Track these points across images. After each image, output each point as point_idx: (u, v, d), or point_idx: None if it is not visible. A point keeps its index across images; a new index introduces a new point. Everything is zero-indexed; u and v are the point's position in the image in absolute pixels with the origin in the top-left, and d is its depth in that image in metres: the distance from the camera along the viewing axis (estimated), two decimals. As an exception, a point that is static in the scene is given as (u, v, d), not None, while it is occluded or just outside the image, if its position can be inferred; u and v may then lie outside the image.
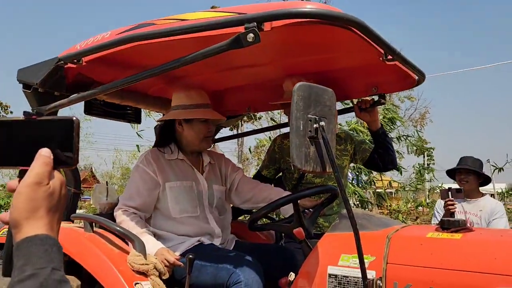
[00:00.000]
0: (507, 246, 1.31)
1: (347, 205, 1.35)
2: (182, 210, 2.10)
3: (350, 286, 1.46)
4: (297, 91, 1.34)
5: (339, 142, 2.64)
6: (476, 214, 3.47)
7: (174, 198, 2.10)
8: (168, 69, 1.65)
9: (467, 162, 3.58)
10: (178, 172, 2.18)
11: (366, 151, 2.63)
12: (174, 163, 2.20)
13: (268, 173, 2.80)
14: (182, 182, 2.15)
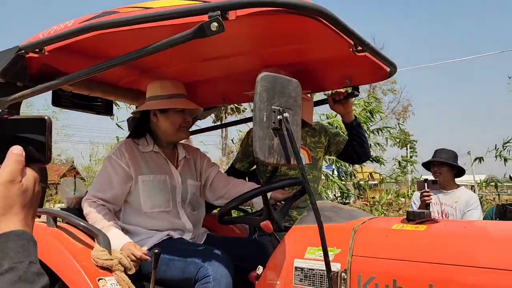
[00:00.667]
0: (469, 237, 1.31)
1: (311, 198, 1.33)
2: (154, 205, 2.05)
3: (316, 279, 1.45)
4: (260, 81, 1.31)
5: (314, 134, 2.63)
6: (452, 205, 3.52)
7: (146, 192, 2.06)
8: (131, 59, 1.60)
9: (441, 154, 3.64)
10: (152, 165, 2.13)
11: (340, 143, 2.63)
12: (148, 155, 2.15)
13: (242, 166, 2.77)
14: (156, 176, 2.10)
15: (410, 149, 11.68)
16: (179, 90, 2.19)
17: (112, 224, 1.93)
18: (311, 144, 2.60)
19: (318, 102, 2.74)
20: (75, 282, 1.65)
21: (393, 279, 1.30)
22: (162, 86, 2.17)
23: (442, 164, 3.57)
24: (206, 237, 2.21)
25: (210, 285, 1.73)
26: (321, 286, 1.43)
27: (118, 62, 1.63)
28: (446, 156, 3.60)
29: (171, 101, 2.12)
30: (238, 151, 2.85)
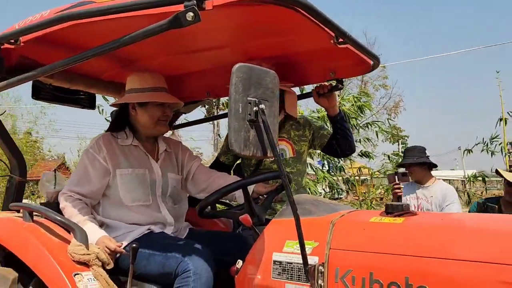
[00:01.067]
0: (445, 230, 1.31)
1: (287, 190, 1.31)
2: (133, 199, 2.03)
3: (294, 273, 1.44)
4: (236, 72, 1.28)
5: (298, 127, 2.61)
6: (427, 200, 3.56)
7: (125, 185, 2.03)
8: (107, 50, 1.57)
9: (409, 154, 3.75)
10: (131, 158, 2.10)
11: (325, 136, 2.62)
12: (127, 149, 2.12)
13: (227, 160, 2.75)
14: (134, 170, 2.07)
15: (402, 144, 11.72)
16: (159, 83, 2.16)
17: (88, 219, 1.90)
18: (295, 138, 2.58)
19: (302, 95, 2.73)
20: (50, 278, 1.62)
21: (370, 272, 1.29)
22: (142, 79, 2.13)
23: (411, 164, 3.65)
24: (188, 231, 2.19)
25: (190, 279, 1.71)
26: (299, 280, 1.42)
27: (94, 53, 1.59)
28: (412, 154, 3.70)
29: (150, 95, 2.09)
30: (223, 145, 2.82)
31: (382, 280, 1.26)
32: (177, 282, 1.73)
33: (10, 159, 2.26)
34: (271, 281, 1.48)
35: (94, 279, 1.67)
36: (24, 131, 14.10)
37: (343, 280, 1.33)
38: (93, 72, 2.55)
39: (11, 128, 13.33)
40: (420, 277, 1.21)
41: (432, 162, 3.74)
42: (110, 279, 1.72)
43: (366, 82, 20.39)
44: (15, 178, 2.23)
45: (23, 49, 2.04)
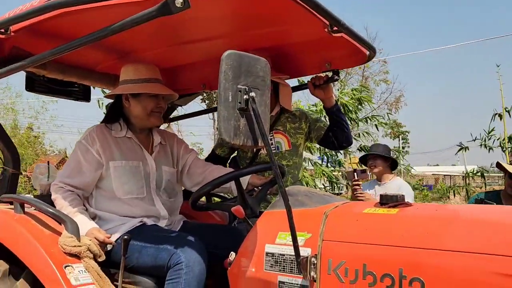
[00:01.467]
0: (439, 220, 1.28)
1: (279, 181, 1.29)
2: (126, 191, 2.00)
3: (286, 264, 1.42)
4: (225, 59, 1.25)
5: (294, 120, 2.58)
6: None
7: (118, 178, 2.00)
8: (96, 38, 1.53)
9: (375, 148, 3.93)
10: (124, 150, 2.07)
11: (321, 129, 2.59)
12: (121, 140, 2.09)
13: (222, 152, 2.72)
14: (128, 162, 2.05)
15: (403, 140, 11.71)
16: (153, 74, 2.12)
17: (78, 210, 1.89)
18: (291, 130, 2.56)
19: (297, 87, 2.70)
20: (41, 270, 1.60)
21: (363, 264, 1.26)
22: (136, 70, 2.10)
23: (376, 156, 3.80)
24: (182, 224, 2.16)
25: (182, 272, 1.69)
26: (291, 272, 1.40)
27: (83, 41, 1.56)
28: (380, 150, 3.86)
29: (143, 86, 2.06)
30: (218, 137, 2.79)
31: (376, 272, 1.24)
32: (169, 275, 1.72)
33: (3, 150, 2.24)
34: (264, 273, 1.46)
35: (85, 271, 1.65)
36: (25, 126, 14.10)
37: (336, 272, 1.30)
38: (87, 64, 2.53)
39: (12, 123, 13.31)
40: (414, 269, 1.19)
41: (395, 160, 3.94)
42: (101, 271, 1.70)
43: (367, 77, 20.29)
44: (8, 170, 2.21)
45: (15, 40, 2.02)
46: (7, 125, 12.63)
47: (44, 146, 14.96)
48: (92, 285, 1.63)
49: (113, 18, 1.49)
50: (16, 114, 13.88)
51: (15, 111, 13.79)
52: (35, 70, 2.29)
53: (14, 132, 12.60)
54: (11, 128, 12.78)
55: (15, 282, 1.66)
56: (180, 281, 1.67)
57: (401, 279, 1.20)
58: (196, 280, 1.69)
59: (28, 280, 1.65)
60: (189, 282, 1.67)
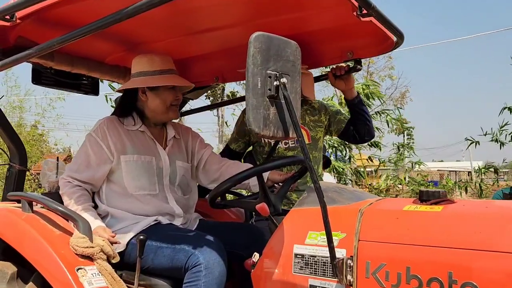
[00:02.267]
0: (492, 218, 1.16)
1: (313, 175, 1.17)
2: (138, 187, 1.89)
3: (318, 267, 1.30)
4: (253, 42, 1.14)
5: (313, 112, 2.46)
6: None
7: (129, 173, 1.90)
8: (102, 26, 1.43)
9: None
10: (137, 144, 1.97)
11: (342, 122, 2.47)
12: (133, 134, 1.99)
13: (237, 147, 2.61)
14: (140, 156, 1.94)
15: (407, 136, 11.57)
16: (169, 65, 2.02)
17: (85, 207, 1.79)
18: (310, 123, 2.44)
19: (316, 77, 2.58)
20: (51, 273, 1.50)
21: (407, 266, 1.15)
22: (150, 61, 1.99)
23: None
24: (198, 222, 2.05)
25: (201, 274, 1.59)
26: (324, 275, 1.28)
27: (90, 28, 1.45)
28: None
29: (162, 78, 1.95)
30: (233, 131, 2.67)
31: (421, 276, 1.12)
32: (187, 277, 1.61)
33: (9, 147, 2.14)
34: (292, 276, 1.34)
35: (98, 274, 1.54)
36: (31, 124, 14.04)
37: (375, 276, 1.19)
38: (96, 55, 2.42)
39: (18, 120, 13.26)
40: (465, 272, 1.07)
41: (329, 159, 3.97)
42: (116, 274, 1.60)
43: (372, 73, 20.10)
44: (15, 166, 2.11)
45: (21, 29, 1.92)
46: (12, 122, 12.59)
47: (49, 144, 14.91)
48: (106, 288, 1.53)
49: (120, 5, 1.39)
50: (23, 112, 13.84)
51: (23, 108, 13.74)
52: (42, 62, 2.19)
53: (19, 129, 12.55)
54: (17, 126, 12.73)
55: (24, 286, 1.56)
56: (199, 284, 1.56)
57: (451, 284, 1.08)
58: (216, 283, 1.59)
59: (38, 284, 1.55)
60: (209, 285, 1.57)
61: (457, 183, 9.20)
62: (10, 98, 13.44)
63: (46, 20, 1.85)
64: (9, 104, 13.11)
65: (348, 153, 7.00)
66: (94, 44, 2.26)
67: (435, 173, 30.91)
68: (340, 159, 7.03)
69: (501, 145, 7.76)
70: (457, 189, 8.81)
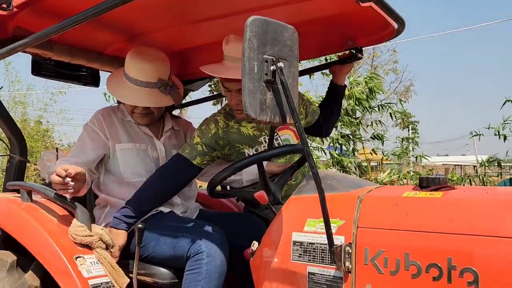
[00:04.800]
0: (493, 203, 1.14)
1: (311, 161, 1.16)
2: (134, 174, 1.91)
3: (317, 254, 1.29)
4: (249, 26, 1.12)
5: None
6: None
7: (125, 160, 1.92)
8: (101, 11, 1.40)
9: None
10: (131, 133, 1.99)
11: (315, 113, 2.27)
12: (128, 124, 2.01)
13: (201, 161, 1.91)
14: (135, 144, 1.96)
15: (412, 130, 11.53)
16: (148, 76, 1.94)
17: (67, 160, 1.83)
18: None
19: (318, 67, 2.55)
20: (50, 262, 1.50)
21: (405, 253, 1.13)
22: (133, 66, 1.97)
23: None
24: (198, 212, 2.05)
25: (203, 261, 1.59)
26: (322, 262, 1.27)
27: (88, 14, 1.43)
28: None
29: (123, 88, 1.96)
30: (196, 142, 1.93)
31: (420, 262, 1.10)
32: (189, 265, 1.61)
33: (9, 138, 2.14)
34: (291, 263, 1.34)
35: (97, 263, 1.54)
36: (35, 120, 14.08)
37: (374, 262, 1.17)
38: (95, 46, 2.41)
39: (21, 116, 13.30)
40: (465, 258, 1.05)
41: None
42: (114, 262, 1.60)
43: (376, 67, 19.99)
44: (15, 158, 2.11)
45: (19, 19, 1.91)
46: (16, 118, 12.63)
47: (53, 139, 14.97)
48: (105, 277, 1.53)
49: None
50: (25, 107, 13.88)
51: (25, 103, 13.78)
52: (41, 52, 2.18)
53: (23, 125, 12.60)
54: (20, 122, 12.77)
55: (23, 274, 1.56)
56: (201, 271, 1.56)
57: (450, 270, 1.07)
58: (217, 271, 1.59)
59: (37, 272, 1.56)
60: (210, 272, 1.57)
61: (462, 177, 9.14)
62: (12, 93, 13.49)
63: (44, 10, 1.84)
64: (11, 99, 13.15)
65: (352, 147, 6.95)
66: (93, 35, 2.25)
67: (440, 167, 30.79)
68: (344, 153, 7.00)
69: (504, 138, 7.70)
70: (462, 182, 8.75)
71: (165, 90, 1.96)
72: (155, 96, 1.95)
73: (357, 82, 6.46)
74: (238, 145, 2.00)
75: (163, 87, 1.95)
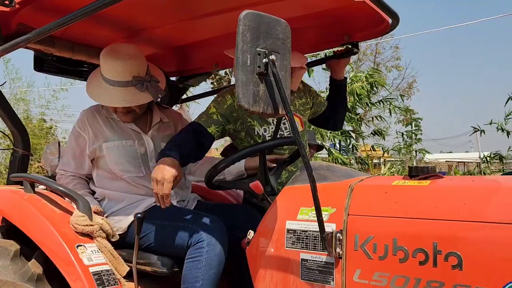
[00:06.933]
0: (477, 190, 1.18)
1: (302, 151, 1.20)
2: (123, 171, 1.93)
3: (309, 241, 1.33)
4: (243, 20, 1.16)
5: (300, 95, 2.35)
6: None
7: (113, 159, 1.94)
8: (98, 8, 1.45)
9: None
10: (117, 130, 1.99)
11: (322, 104, 2.37)
12: (113, 122, 2.02)
13: (216, 131, 1.99)
14: (121, 142, 1.96)
15: (415, 127, 11.52)
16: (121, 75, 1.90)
17: (83, 193, 1.88)
18: (300, 108, 2.29)
19: (315, 62, 2.59)
20: (52, 250, 1.55)
21: (393, 238, 1.17)
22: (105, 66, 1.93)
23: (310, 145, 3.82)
24: (196, 203, 2.09)
25: (203, 250, 1.64)
26: (315, 249, 1.32)
27: (88, 10, 1.48)
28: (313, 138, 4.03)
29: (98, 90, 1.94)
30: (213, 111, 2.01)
31: (407, 247, 1.15)
32: (190, 253, 1.66)
33: (12, 132, 2.19)
34: (285, 251, 1.38)
35: (98, 251, 1.59)
36: (38, 117, 14.15)
37: (364, 248, 1.22)
38: (96, 42, 2.45)
39: (24, 113, 13.36)
40: (450, 243, 1.09)
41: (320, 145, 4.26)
42: (115, 251, 1.65)
43: (379, 63, 19.98)
44: (18, 151, 2.16)
45: (21, 15, 1.96)
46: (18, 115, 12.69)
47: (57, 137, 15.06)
48: (105, 265, 1.58)
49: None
50: (27, 104, 13.94)
51: (26, 101, 13.84)
52: (44, 48, 2.23)
53: (25, 122, 12.67)
54: (24, 119, 12.84)
55: (26, 263, 1.61)
56: (201, 259, 1.61)
57: (436, 254, 1.11)
58: (217, 259, 1.63)
59: (40, 260, 1.61)
60: (210, 260, 1.61)
61: (464, 174, 9.15)
62: (14, 90, 13.55)
63: (46, 6, 1.88)
64: (12, 96, 13.22)
65: (352, 143, 6.99)
66: (94, 31, 2.29)
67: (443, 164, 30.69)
68: (343, 149, 7.03)
69: (507, 133, 7.71)
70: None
71: (142, 87, 1.90)
72: (131, 95, 1.90)
73: (358, 78, 6.49)
74: (250, 120, 2.06)
75: (139, 84, 1.90)
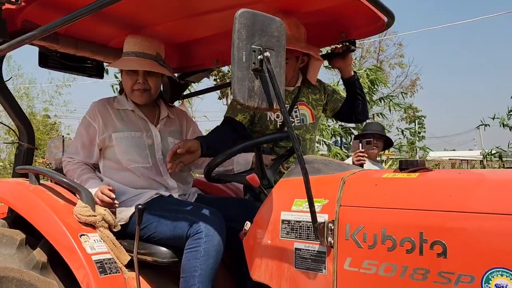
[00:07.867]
0: (463, 182, 1.23)
1: (295, 144, 1.25)
2: (131, 160, 2.00)
3: (303, 231, 1.39)
4: (239, 18, 1.21)
5: (314, 91, 2.47)
6: None
7: (121, 148, 2.01)
8: (101, 6, 1.50)
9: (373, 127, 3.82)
10: (126, 122, 2.07)
11: (338, 101, 2.50)
12: (123, 113, 2.09)
13: (244, 119, 2.23)
14: (131, 133, 2.04)
15: (419, 124, 11.54)
16: (145, 48, 2.03)
17: (90, 176, 1.92)
18: (313, 102, 2.44)
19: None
20: (56, 239, 1.61)
21: (382, 228, 1.23)
22: (131, 43, 2.07)
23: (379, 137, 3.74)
24: (196, 196, 2.15)
25: (202, 240, 1.69)
26: (308, 238, 1.37)
27: (92, 8, 1.52)
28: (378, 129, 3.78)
29: (125, 60, 2.04)
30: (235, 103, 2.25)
31: (395, 236, 1.20)
32: (188, 244, 1.71)
33: (18, 126, 2.25)
34: (280, 240, 1.43)
35: (100, 241, 1.65)
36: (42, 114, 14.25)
37: (354, 237, 1.27)
38: (100, 39, 2.51)
39: (28, 109, 13.47)
40: (435, 232, 1.14)
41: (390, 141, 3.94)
42: (116, 241, 1.70)
43: (382, 61, 19.95)
44: (24, 145, 2.22)
45: (26, 12, 2.01)
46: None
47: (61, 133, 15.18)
48: (107, 253, 1.64)
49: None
50: (30, 100, 14.04)
51: (29, 96, 13.94)
52: (48, 45, 2.28)
53: (30, 117, 12.76)
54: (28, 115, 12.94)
55: (31, 251, 1.67)
56: (199, 249, 1.66)
57: (422, 243, 1.16)
58: (215, 250, 1.68)
59: (45, 249, 1.67)
60: (208, 251, 1.66)
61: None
62: (17, 87, 13.66)
63: (50, 3, 1.93)
64: (16, 92, 13.34)
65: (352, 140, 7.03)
66: (97, 28, 2.34)
67: (447, 162, 30.64)
68: (345, 145, 7.07)
69: (510, 129, 7.72)
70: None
71: (163, 63, 2.07)
72: (154, 66, 2.03)
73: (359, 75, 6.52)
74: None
75: (161, 61, 2.05)
